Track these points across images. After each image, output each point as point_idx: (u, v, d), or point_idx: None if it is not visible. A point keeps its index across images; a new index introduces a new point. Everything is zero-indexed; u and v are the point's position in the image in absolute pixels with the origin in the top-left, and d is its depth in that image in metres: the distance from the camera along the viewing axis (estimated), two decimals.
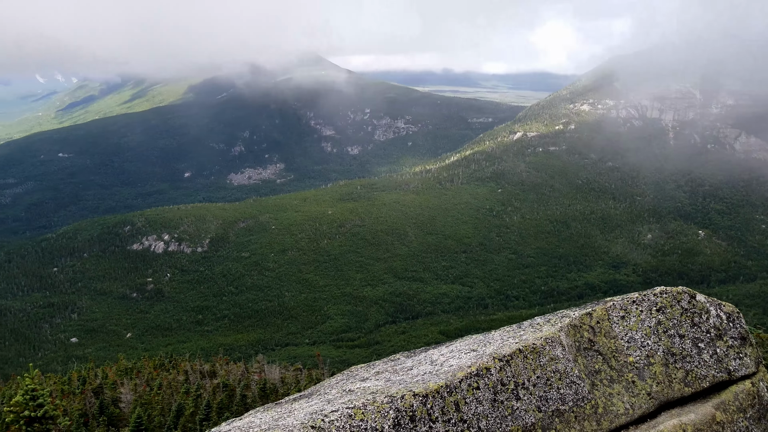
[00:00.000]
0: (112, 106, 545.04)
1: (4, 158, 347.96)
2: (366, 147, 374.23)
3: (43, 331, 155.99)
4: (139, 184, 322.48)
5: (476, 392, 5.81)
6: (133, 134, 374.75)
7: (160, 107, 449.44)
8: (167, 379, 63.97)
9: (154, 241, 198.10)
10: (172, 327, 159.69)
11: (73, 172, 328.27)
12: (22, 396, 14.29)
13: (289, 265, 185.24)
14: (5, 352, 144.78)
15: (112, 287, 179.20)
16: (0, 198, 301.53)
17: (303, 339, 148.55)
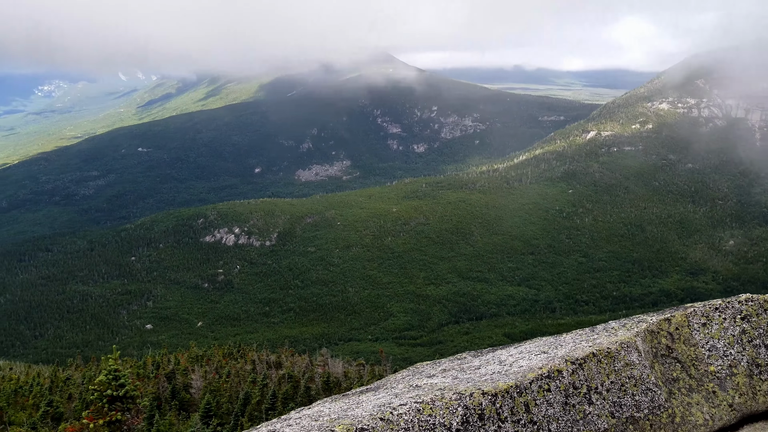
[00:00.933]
0: (188, 103, 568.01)
1: (89, 152, 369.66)
2: (432, 145, 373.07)
3: (120, 316, 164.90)
4: (212, 178, 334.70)
5: (547, 394, 5.68)
6: (208, 130, 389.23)
7: (233, 105, 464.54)
8: (235, 368, 66.23)
9: (225, 234, 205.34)
10: (241, 317, 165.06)
11: (151, 166, 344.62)
12: (105, 376, 15.14)
13: (354, 261, 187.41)
14: (86, 335, 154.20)
15: (185, 277, 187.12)
16: (84, 189, 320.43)
17: (366, 335, 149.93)
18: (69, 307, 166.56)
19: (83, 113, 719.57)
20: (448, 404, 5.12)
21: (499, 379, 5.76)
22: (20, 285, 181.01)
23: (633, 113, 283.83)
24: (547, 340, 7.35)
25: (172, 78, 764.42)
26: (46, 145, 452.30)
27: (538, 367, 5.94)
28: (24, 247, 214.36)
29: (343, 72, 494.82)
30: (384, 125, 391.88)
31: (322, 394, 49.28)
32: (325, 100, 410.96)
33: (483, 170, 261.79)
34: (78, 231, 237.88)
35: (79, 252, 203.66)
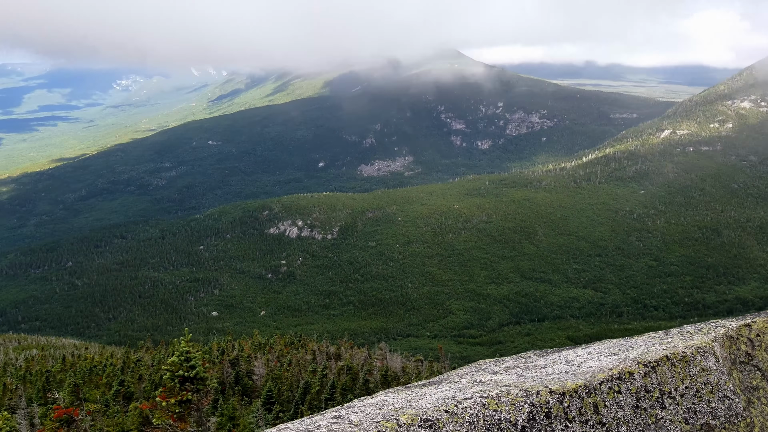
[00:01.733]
0: (256, 98, 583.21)
1: (162, 144, 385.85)
2: (497, 142, 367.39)
3: (188, 303, 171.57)
4: (278, 172, 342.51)
5: (617, 396, 5.51)
6: (274, 125, 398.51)
7: (299, 100, 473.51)
8: (296, 357, 67.76)
9: (288, 227, 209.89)
10: (302, 308, 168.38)
11: (221, 159, 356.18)
12: (178, 357, 15.80)
13: (414, 257, 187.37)
14: (156, 320, 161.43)
15: (249, 267, 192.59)
16: (157, 180, 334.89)
17: (424, 331, 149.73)
18: (141, 292, 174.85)
19: (157, 107, 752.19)
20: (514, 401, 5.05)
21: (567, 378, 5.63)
22: (96, 270, 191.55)
23: (711, 112, 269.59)
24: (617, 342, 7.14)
25: (241, 74, 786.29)
26: (123, 137, 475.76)
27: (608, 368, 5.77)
28: (101, 233, 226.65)
29: (409, 68, 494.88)
30: (447, 121, 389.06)
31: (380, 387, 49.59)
32: (389, 96, 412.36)
33: (549, 168, 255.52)
34: (150, 220, 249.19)
35: (151, 240, 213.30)
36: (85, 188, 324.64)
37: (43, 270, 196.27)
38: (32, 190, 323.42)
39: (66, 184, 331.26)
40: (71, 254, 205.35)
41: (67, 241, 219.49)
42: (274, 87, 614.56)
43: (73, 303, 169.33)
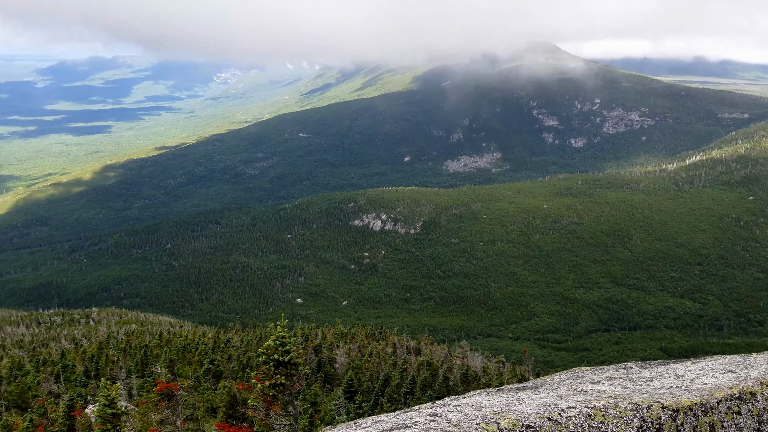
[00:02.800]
0: (345, 93, 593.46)
1: (256, 135, 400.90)
2: (592, 140, 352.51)
3: (275, 289, 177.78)
4: (364, 165, 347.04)
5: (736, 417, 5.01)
6: (362, 119, 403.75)
7: (387, 94, 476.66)
8: (377, 349, 68.44)
9: (373, 219, 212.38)
10: (383, 301, 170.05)
11: (310, 151, 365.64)
12: (273, 341, 16.16)
13: (498, 256, 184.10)
14: (245, 303, 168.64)
15: (334, 257, 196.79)
16: (251, 170, 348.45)
17: (506, 332, 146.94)
18: (231, 276, 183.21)
19: (253, 99, 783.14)
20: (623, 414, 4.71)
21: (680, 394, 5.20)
22: (192, 252, 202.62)
23: None
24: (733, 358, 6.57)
25: (333, 68, 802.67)
26: (220, 128, 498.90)
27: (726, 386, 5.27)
28: (197, 218, 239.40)
29: (503, 62, 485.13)
30: (540, 117, 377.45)
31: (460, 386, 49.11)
32: (479, 91, 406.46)
33: (648, 170, 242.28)
34: (243, 207, 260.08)
35: (243, 226, 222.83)
36: (184, 175, 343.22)
37: (144, 250, 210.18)
38: (137, 176, 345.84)
39: (167, 170, 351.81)
40: (170, 237, 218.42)
41: (167, 225, 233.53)
42: (364, 81, 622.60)
43: (170, 283, 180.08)
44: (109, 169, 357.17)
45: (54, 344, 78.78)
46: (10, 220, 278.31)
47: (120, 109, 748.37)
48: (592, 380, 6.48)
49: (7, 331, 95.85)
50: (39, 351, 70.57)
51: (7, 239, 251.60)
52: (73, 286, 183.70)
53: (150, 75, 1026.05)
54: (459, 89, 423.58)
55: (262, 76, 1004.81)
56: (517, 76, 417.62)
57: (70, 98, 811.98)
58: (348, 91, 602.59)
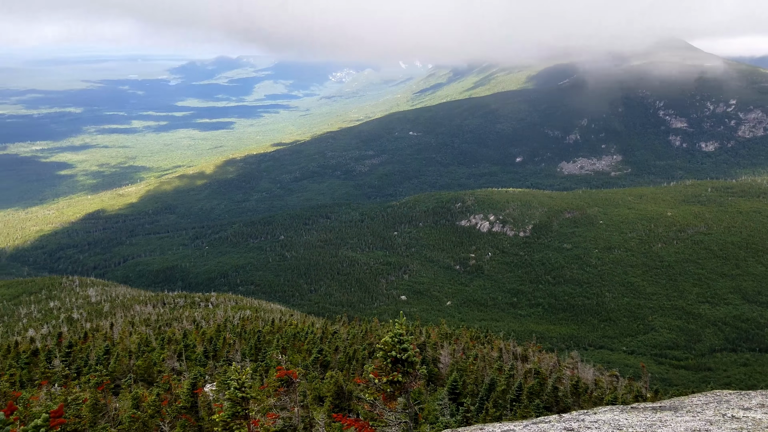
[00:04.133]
0: (456, 92, 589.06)
1: (367, 133, 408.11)
2: (725, 144, 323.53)
3: (380, 284, 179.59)
4: (473, 164, 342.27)
5: None
6: (474, 118, 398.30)
7: (500, 93, 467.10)
8: (482, 352, 66.33)
9: (480, 220, 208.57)
10: (488, 304, 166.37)
11: (419, 149, 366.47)
12: (391, 338, 15.62)
13: (614, 264, 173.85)
14: (350, 296, 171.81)
15: (439, 257, 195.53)
16: (360, 167, 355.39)
17: (619, 345, 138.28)
18: (339, 270, 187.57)
19: (365, 98, 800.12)
20: None
21: None
22: (303, 245, 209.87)
23: None
24: None
25: (445, 67, 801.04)
26: (333, 126, 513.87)
27: None
28: (309, 212, 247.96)
29: (625, 60, 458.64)
30: (666, 119, 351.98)
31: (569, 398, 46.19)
32: (599, 90, 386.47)
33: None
34: (352, 203, 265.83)
35: (351, 222, 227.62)
36: (299, 170, 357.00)
37: (259, 240, 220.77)
38: (256, 170, 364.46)
39: (283, 165, 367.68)
40: (283, 229, 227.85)
41: (281, 217, 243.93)
42: (476, 81, 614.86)
43: (282, 272, 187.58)
44: (229, 164, 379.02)
45: (177, 324, 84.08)
46: (143, 207, 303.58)
47: (242, 107, 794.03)
48: (740, 406, 5.35)
49: (136, 309, 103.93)
50: (164, 330, 75.50)
51: (139, 225, 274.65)
52: (195, 271, 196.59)
53: (270, 74, 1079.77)
54: (578, 88, 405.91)
55: (376, 76, 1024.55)
56: (643, 75, 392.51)
57: (198, 96, 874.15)
58: (459, 90, 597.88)
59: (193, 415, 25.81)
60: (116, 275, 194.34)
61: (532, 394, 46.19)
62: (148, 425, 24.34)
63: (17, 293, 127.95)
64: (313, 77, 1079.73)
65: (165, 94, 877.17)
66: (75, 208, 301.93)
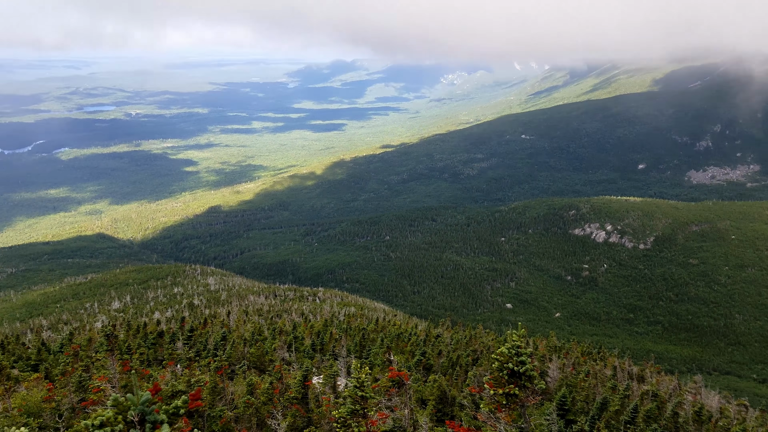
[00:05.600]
0: (573, 95, 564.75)
1: (477, 136, 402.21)
2: None
3: (484, 290, 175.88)
4: (590, 170, 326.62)
5: None
6: (592, 121, 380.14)
7: (622, 96, 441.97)
8: (594, 369, 62.59)
9: (595, 230, 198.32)
10: (601, 318, 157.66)
11: (531, 153, 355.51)
12: (508, 349, 14.73)
13: (746, 283, 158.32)
14: (454, 301, 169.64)
15: (548, 266, 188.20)
16: (468, 170, 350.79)
17: (749, 372, 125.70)
18: (443, 273, 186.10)
19: (476, 100, 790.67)
20: None
21: None
22: (408, 246, 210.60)
23: None
24: None
25: (562, 69, 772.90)
26: (442, 128, 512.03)
27: None
28: (415, 214, 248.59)
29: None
30: None
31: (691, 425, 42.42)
32: (736, 94, 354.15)
33: None
34: (459, 206, 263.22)
35: (457, 225, 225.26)
36: (406, 172, 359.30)
37: (366, 240, 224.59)
38: (365, 170, 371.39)
39: (391, 167, 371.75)
40: (389, 229, 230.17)
41: (387, 218, 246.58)
42: (595, 83, 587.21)
43: (387, 273, 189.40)
44: (338, 165, 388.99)
45: (287, 316, 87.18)
46: (259, 203, 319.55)
47: (353, 109, 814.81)
48: None
49: (250, 299, 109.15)
50: (275, 320, 78.50)
51: (255, 220, 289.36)
52: (305, 266, 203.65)
53: (382, 77, 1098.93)
54: (710, 91, 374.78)
55: (488, 77, 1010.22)
56: None
57: (313, 98, 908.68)
58: (576, 93, 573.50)
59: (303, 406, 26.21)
60: (233, 266, 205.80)
61: (649, 417, 42.70)
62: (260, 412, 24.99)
63: (146, 278, 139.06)
64: (424, 80, 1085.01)
65: (283, 96, 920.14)
66: (198, 202, 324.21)
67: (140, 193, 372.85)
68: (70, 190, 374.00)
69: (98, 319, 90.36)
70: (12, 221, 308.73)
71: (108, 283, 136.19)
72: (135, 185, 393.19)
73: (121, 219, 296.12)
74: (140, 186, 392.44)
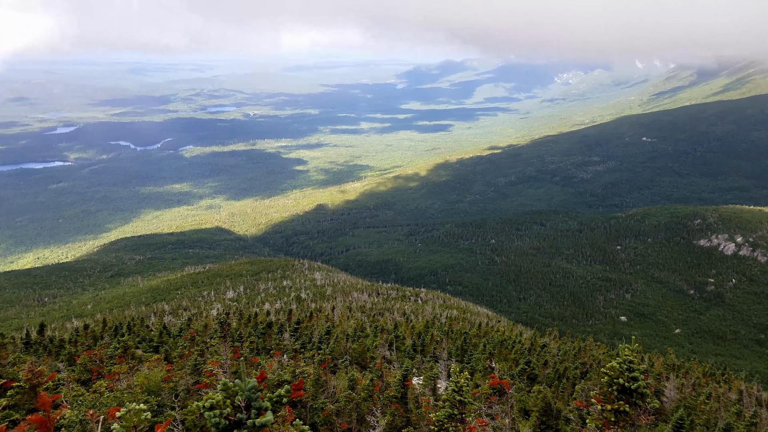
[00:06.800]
0: (701, 96, 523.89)
1: (592, 138, 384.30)
2: None
3: (596, 301, 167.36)
4: (719, 177, 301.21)
5: None
6: (722, 124, 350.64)
7: (758, 96, 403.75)
8: (717, 392, 57.69)
9: (724, 241, 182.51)
10: (726, 337, 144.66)
11: (653, 157, 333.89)
12: (619, 364, 13.83)
13: None
14: (562, 310, 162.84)
15: (669, 278, 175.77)
16: (582, 173, 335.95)
17: None
18: (551, 280, 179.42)
19: (593, 101, 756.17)
20: None
21: None
22: (514, 251, 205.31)
23: None
24: None
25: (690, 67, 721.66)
26: (554, 129, 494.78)
27: None
28: (523, 218, 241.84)
29: None
30: None
31: None
32: None
33: None
34: (571, 211, 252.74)
35: (568, 231, 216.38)
36: (514, 174, 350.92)
37: (470, 242, 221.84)
38: (471, 172, 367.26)
39: (499, 169, 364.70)
40: (495, 233, 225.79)
41: (493, 221, 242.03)
42: (726, 83, 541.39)
43: (491, 277, 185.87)
44: (442, 167, 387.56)
45: (388, 314, 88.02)
46: (364, 202, 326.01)
47: (461, 110, 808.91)
48: None
49: (353, 296, 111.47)
50: (377, 318, 79.54)
51: (360, 218, 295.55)
52: (407, 266, 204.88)
53: (492, 77, 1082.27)
54: None
55: (606, 76, 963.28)
56: None
57: (420, 99, 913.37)
58: (704, 94, 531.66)
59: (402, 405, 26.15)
60: (338, 262, 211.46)
61: None
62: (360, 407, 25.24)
63: (258, 270, 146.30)
64: (537, 79, 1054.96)
65: (391, 97, 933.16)
66: (307, 199, 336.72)
67: (255, 190, 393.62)
68: (192, 186, 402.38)
69: (214, 307, 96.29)
70: (140, 213, 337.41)
71: (224, 273, 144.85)
72: (250, 182, 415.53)
73: (237, 213, 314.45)
74: (255, 183, 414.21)
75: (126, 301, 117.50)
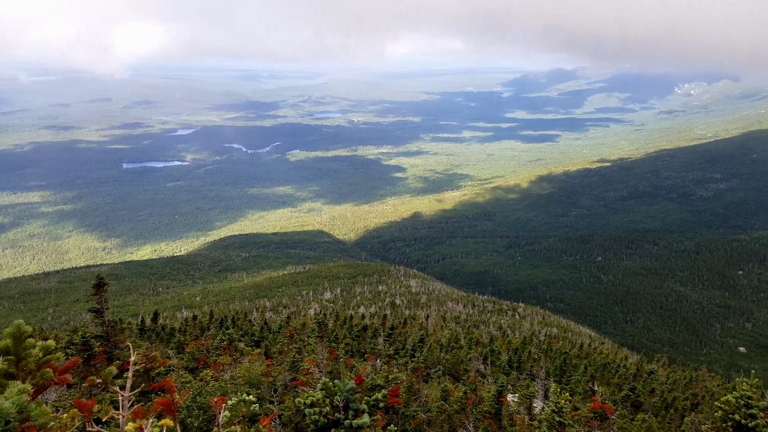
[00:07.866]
0: None
1: (715, 153, 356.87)
2: None
3: (712, 329, 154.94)
4: None
5: None
6: None
7: None
8: None
9: None
10: None
11: None
12: (735, 399, 12.62)
13: None
14: (673, 336, 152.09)
15: None
16: (702, 191, 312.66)
17: None
18: (662, 304, 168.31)
19: (717, 113, 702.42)
20: None
21: None
22: (623, 270, 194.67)
23: None
24: None
25: None
26: (671, 143, 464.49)
27: None
28: (633, 235, 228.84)
29: None
30: None
31: None
32: None
33: None
34: (687, 231, 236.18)
35: (683, 252, 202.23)
36: (626, 189, 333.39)
37: (574, 258, 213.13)
38: (578, 185, 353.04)
39: (609, 183, 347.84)
40: (601, 250, 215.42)
41: (600, 237, 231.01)
42: None
43: (595, 296, 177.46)
44: (545, 179, 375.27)
45: (483, 327, 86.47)
46: (463, 211, 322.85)
47: (569, 120, 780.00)
48: None
49: (448, 305, 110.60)
50: (471, 330, 78.35)
51: (458, 228, 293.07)
52: (506, 279, 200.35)
53: (604, 87, 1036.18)
54: None
55: (733, 88, 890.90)
56: None
57: (526, 107, 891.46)
58: None
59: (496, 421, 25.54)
60: (434, 271, 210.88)
61: None
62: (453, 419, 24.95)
63: (355, 273, 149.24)
64: (654, 90, 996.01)
65: (495, 105, 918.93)
66: (405, 206, 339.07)
67: (355, 195, 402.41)
68: (296, 189, 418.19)
69: (311, 307, 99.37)
70: (245, 212, 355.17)
71: (322, 274, 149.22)
72: (351, 187, 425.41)
73: (337, 217, 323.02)
74: (355, 188, 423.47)
75: (231, 296, 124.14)
